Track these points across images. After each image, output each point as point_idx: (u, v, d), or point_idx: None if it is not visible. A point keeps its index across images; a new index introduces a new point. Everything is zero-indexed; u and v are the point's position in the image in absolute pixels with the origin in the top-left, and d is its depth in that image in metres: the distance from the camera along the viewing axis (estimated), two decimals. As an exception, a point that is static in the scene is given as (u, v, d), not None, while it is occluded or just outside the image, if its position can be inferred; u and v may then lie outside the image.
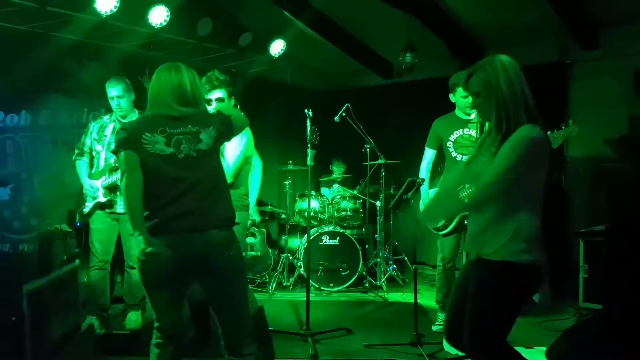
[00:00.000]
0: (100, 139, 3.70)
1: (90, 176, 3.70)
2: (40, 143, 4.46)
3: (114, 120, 3.72)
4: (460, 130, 3.65)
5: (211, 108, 2.77)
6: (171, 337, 2.13)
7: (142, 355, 3.24)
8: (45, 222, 4.37)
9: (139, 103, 3.66)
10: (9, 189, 4.29)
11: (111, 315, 3.95)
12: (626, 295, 3.30)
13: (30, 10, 3.91)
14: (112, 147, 3.56)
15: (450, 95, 3.74)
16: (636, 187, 4.62)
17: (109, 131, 3.70)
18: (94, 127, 3.75)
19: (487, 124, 2.10)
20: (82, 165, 3.74)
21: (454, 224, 3.60)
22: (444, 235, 3.69)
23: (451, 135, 3.68)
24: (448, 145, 3.69)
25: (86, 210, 3.67)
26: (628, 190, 4.70)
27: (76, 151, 3.78)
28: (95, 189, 3.63)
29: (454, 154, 3.66)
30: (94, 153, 3.71)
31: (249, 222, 3.29)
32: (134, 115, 3.70)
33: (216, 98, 2.86)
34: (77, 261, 3.24)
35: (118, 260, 3.97)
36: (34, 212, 4.37)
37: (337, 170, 6.15)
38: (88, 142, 3.73)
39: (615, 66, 4.79)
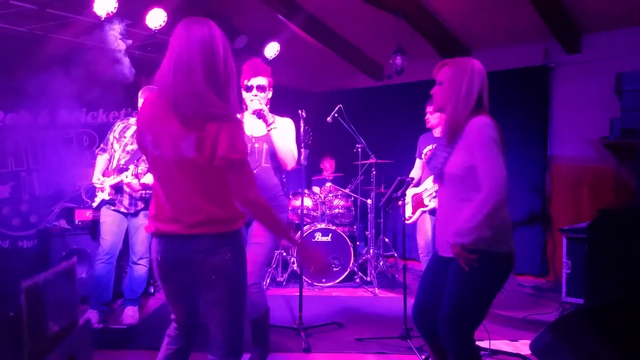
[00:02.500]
0: (120, 138, 3.71)
1: (105, 173, 3.70)
2: (39, 142, 4.48)
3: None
4: (431, 145, 4.16)
5: None
6: (181, 329, 2.10)
7: (139, 350, 3.32)
8: (44, 220, 4.45)
9: None
10: (9, 186, 4.36)
11: (109, 309, 3.96)
12: (606, 290, 3.40)
13: (30, 13, 3.91)
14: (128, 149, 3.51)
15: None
16: (616, 185, 4.78)
17: (129, 133, 3.71)
18: (118, 126, 3.77)
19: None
20: (100, 161, 3.73)
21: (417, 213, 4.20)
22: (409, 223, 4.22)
23: (426, 149, 4.24)
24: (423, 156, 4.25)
25: (95, 204, 3.71)
26: (608, 189, 4.86)
27: (101, 146, 3.80)
28: (103, 185, 3.65)
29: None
30: (112, 151, 3.71)
31: None
32: None
33: None
34: (75, 257, 3.32)
35: (123, 256, 4.00)
36: (33, 209, 4.45)
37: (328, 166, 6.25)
38: (111, 139, 3.73)
39: (597, 70, 4.88)
